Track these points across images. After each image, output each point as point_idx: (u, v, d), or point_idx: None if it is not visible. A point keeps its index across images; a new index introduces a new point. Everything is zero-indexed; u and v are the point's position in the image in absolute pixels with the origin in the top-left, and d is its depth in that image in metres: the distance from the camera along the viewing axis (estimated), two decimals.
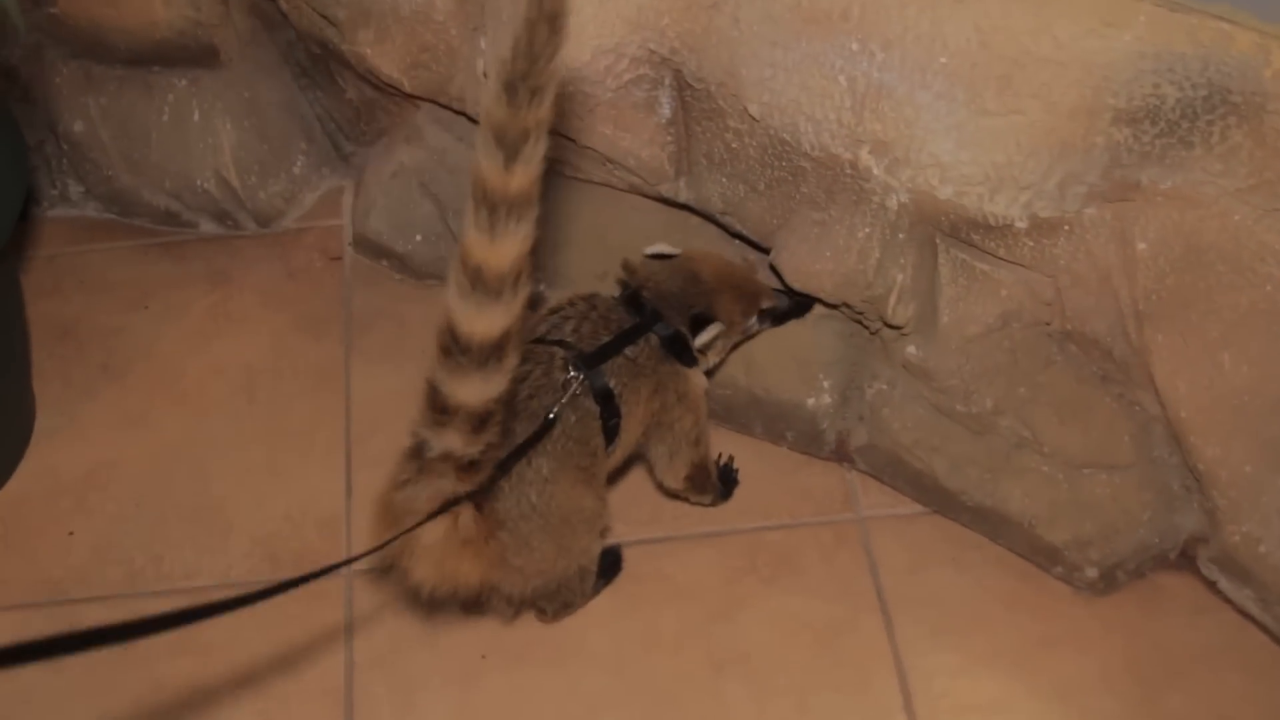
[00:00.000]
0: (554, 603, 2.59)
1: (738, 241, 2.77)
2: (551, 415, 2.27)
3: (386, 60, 2.85)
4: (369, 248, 3.19)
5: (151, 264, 3.32)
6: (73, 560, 2.77)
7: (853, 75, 2.36)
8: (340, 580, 2.70)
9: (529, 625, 2.65)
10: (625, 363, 2.40)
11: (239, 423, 2.98)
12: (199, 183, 3.28)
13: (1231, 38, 2.16)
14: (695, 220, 2.81)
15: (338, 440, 2.90)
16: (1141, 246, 2.34)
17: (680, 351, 2.47)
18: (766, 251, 2.65)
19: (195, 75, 3.22)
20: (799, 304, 2.64)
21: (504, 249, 1.79)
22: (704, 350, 2.50)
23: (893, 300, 2.51)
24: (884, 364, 2.68)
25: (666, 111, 2.61)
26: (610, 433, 2.39)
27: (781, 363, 2.76)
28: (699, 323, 2.45)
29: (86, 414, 3.03)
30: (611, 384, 2.37)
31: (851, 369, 2.74)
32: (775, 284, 2.65)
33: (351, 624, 2.65)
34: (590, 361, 2.34)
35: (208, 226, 3.36)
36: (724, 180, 2.61)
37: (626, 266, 2.51)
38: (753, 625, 2.64)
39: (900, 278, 2.50)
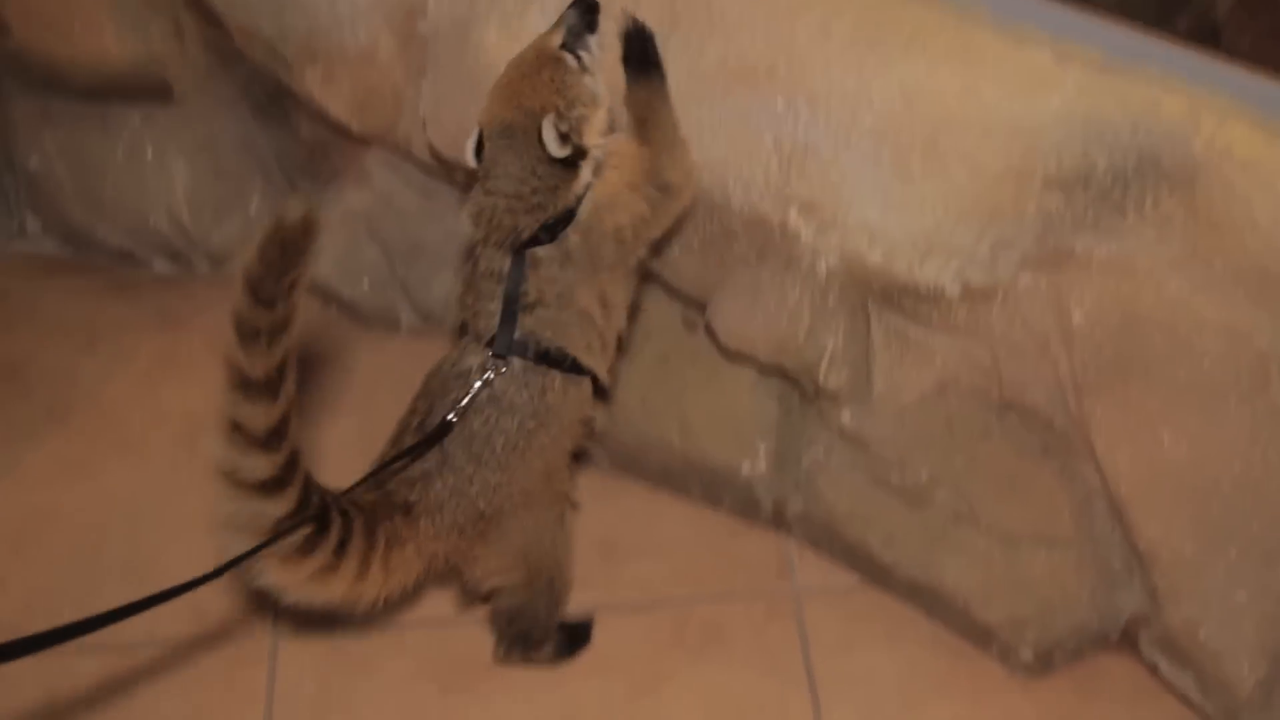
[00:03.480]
0: (514, 628, 2.56)
1: (675, 297, 2.70)
2: (451, 418, 2.22)
3: (334, 100, 2.82)
4: (318, 292, 3.14)
5: (104, 304, 3.29)
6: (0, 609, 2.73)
7: (779, 134, 2.30)
8: (265, 641, 2.67)
9: (449, 697, 2.60)
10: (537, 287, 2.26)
11: (178, 473, 2.93)
12: (152, 221, 3.25)
13: (1160, 104, 2.10)
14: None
15: None
16: (1078, 316, 2.27)
17: (557, 224, 2.25)
18: (704, 309, 2.59)
19: (150, 111, 3.19)
20: (583, 7, 2.28)
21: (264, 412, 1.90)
22: (571, 144, 2.20)
23: (824, 366, 2.46)
24: (820, 430, 2.63)
25: None
26: (575, 367, 2.31)
27: (717, 426, 2.71)
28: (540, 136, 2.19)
29: (28, 459, 2.99)
30: (531, 327, 2.26)
31: (788, 434, 2.68)
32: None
33: (274, 688, 2.60)
34: (499, 342, 2.25)
35: (161, 266, 3.34)
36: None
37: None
38: (676, 701, 2.57)
39: (832, 343, 2.44)
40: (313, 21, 2.71)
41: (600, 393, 2.44)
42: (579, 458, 2.64)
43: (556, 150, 2.16)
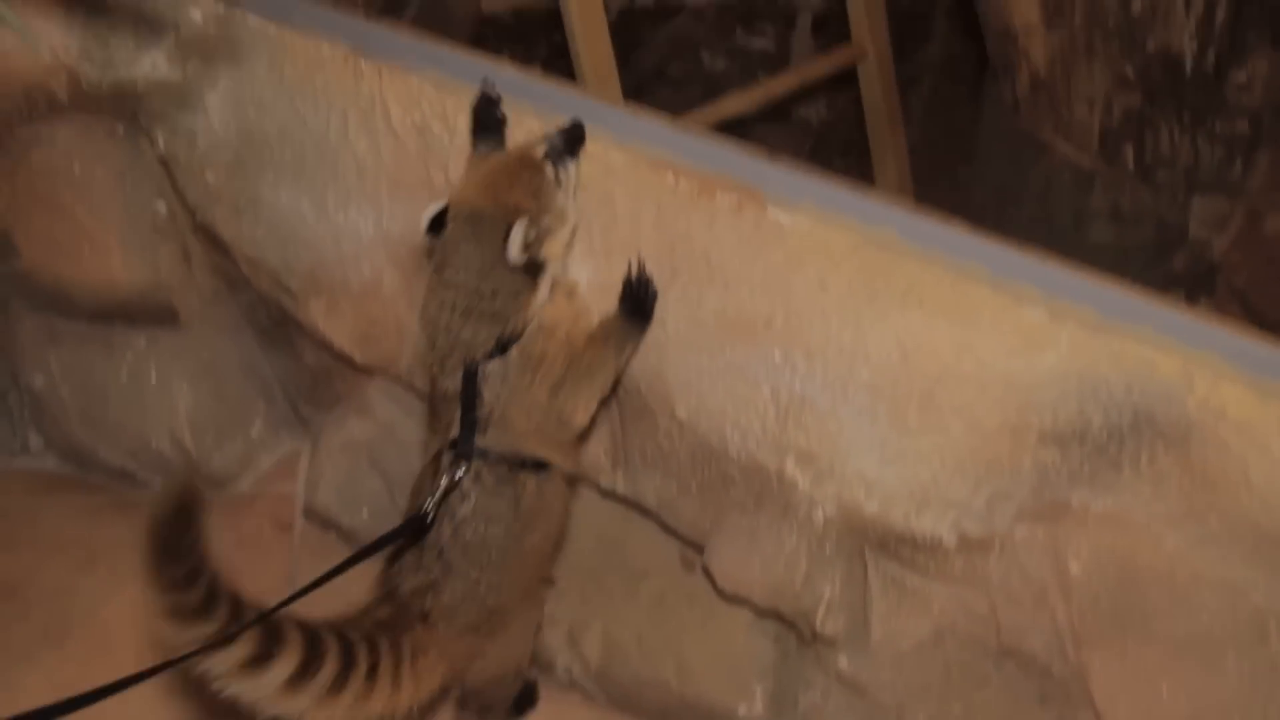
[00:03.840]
0: (479, 700, 2.62)
1: (674, 537, 2.70)
2: (428, 510, 2.24)
3: (337, 331, 2.84)
4: (318, 519, 3.14)
5: (104, 524, 3.27)
6: None
7: (776, 385, 2.32)
8: None
9: None
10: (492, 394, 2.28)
11: (170, 700, 2.89)
12: (154, 443, 3.26)
13: (1154, 364, 2.11)
14: (636, 514, 2.75)
15: None
16: (1075, 567, 2.27)
17: (506, 342, 2.26)
18: (701, 551, 2.59)
19: (155, 335, 3.22)
20: (571, 129, 2.33)
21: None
22: (532, 253, 2.23)
23: (821, 612, 2.45)
24: (818, 673, 2.61)
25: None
26: (536, 464, 2.32)
27: (714, 667, 2.69)
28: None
29: (21, 682, 2.95)
30: (492, 437, 2.28)
31: (785, 677, 2.66)
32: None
33: None
34: (461, 446, 2.27)
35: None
36: (658, 478, 2.57)
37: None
38: None
39: (829, 590, 2.44)
40: (318, 255, 2.75)
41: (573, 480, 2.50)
42: (561, 543, 2.66)
43: (515, 254, 2.18)
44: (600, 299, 2.43)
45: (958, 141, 4.44)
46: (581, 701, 2.86)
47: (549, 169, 2.27)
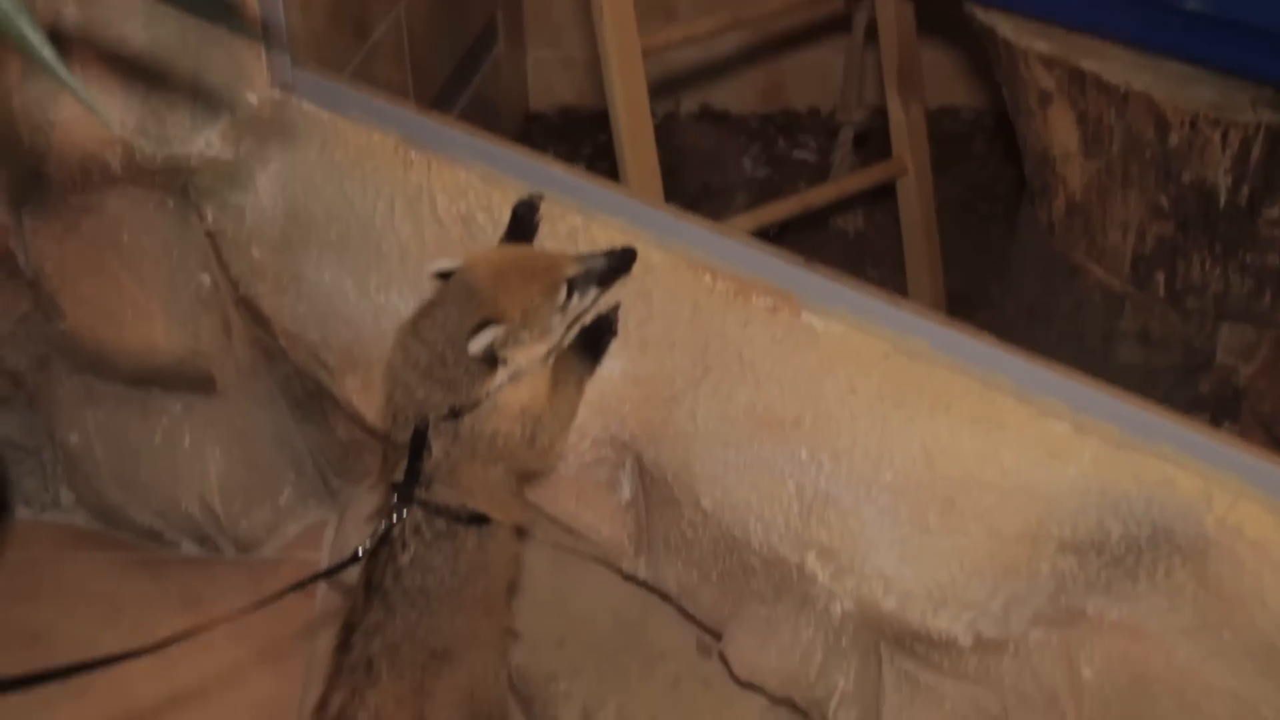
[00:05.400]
0: None
1: (692, 621, 2.74)
2: (360, 550, 2.33)
3: (370, 407, 2.89)
4: (340, 588, 3.18)
5: (130, 580, 3.33)
6: None
7: (801, 482, 2.36)
8: None
9: None
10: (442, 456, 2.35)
11: None
12: (184, 505, 3.31)
13: (1175, 481, 2.16)
14: (655, 597, 2.79)
15: None
16: (1088, 673, 2.31)
17: (459, 411, 2.33)
18: (719, 637, 2.63)
19: (191, 401, 3.28)
20: (620, 257, 2.43)
21: None
22: (496, 351, 2.28)
23: (834, 704, 2.48)
24: None
25: (627, 493, 2.63)
26: (478, 518, 2.39)
27: None
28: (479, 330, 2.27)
29: None
30: (437, 489, 2.36)
31: None
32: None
33: None
34: (403, 490, 2.34)
35: (189, 548, 3.39)
36: (680, 565, 2.61)
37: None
38: None
39: (843, 682, 2.47)
40: (356, 332, 2.81)
41: (521, 531, 2.57)
42: (514, 590, 2.70)
43: (473, 348, 2.25)
44: (632, 389, 2.49)
45: (991, 260, 4.51)
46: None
47: (562, 293, 2.34)
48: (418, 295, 2.67)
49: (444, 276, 2.37)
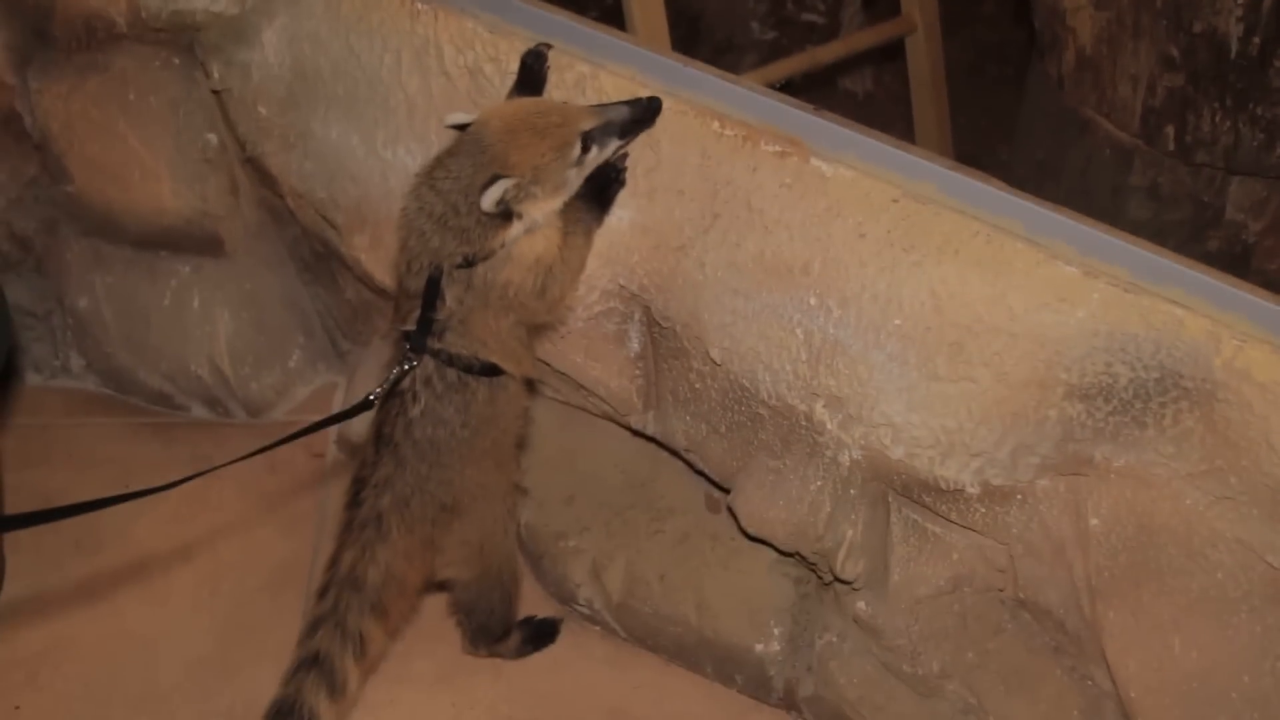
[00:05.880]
0: (473, 620, 2.74)
1: (701, 477, 2.75)
2: (372, 397, 2.37)
3: (379, 266, 2.89)
4: (350, 449, 3.19)
5: (140, 444, 3.35)
6: None
7: (809, 329, 2.36)
8: None
9: None
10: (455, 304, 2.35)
11: (198, 613, 2.98)
12: (193, 368, 3.32)
13: (1183, 323, 2.15)
14: (664, 452, 2.80)
15: (291, 641, 2.86)
16: (1094, 522, 2.31)
17: (473, 260, 2.32)
18: (727, 491, 2.63)
19: (199, 263, 3.28)
20: (644, 107, 2.41)
21: None
22: (509, 206, 2.27)
23: (842, 555, 2.49)
24: (835, 615, 2.65)
25: (636, 345, 2.62)
26: (489, 369, 2.40)
27: (733, 606, 2.74)
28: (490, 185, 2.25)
29: (53, 588, 3.04)
30: (448, 340, 2.37)
31: (803, 617, 2.71)
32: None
33: None
34: (415, 340, 2.36)
35: (199, 411, 3.40)
36: (688, 419, 2.61)
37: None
38: None
39: (851, 533, 2.47)
40: (364, 190, 2.80)
41: (531, 384, 2.61)
42: (523, 445, 2.73)
43: (486, 205, 2.24)
44: (640, 239, 2.48)
45: (999, 122, 4.47)
46: (601, 636, 2.92)
47: (576, 149, 2.31)
48: (425, 151, 2.66)
49: (460, 129, 2.35)
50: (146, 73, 3.03)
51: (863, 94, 4.92)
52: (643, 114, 2.40)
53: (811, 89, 4.32)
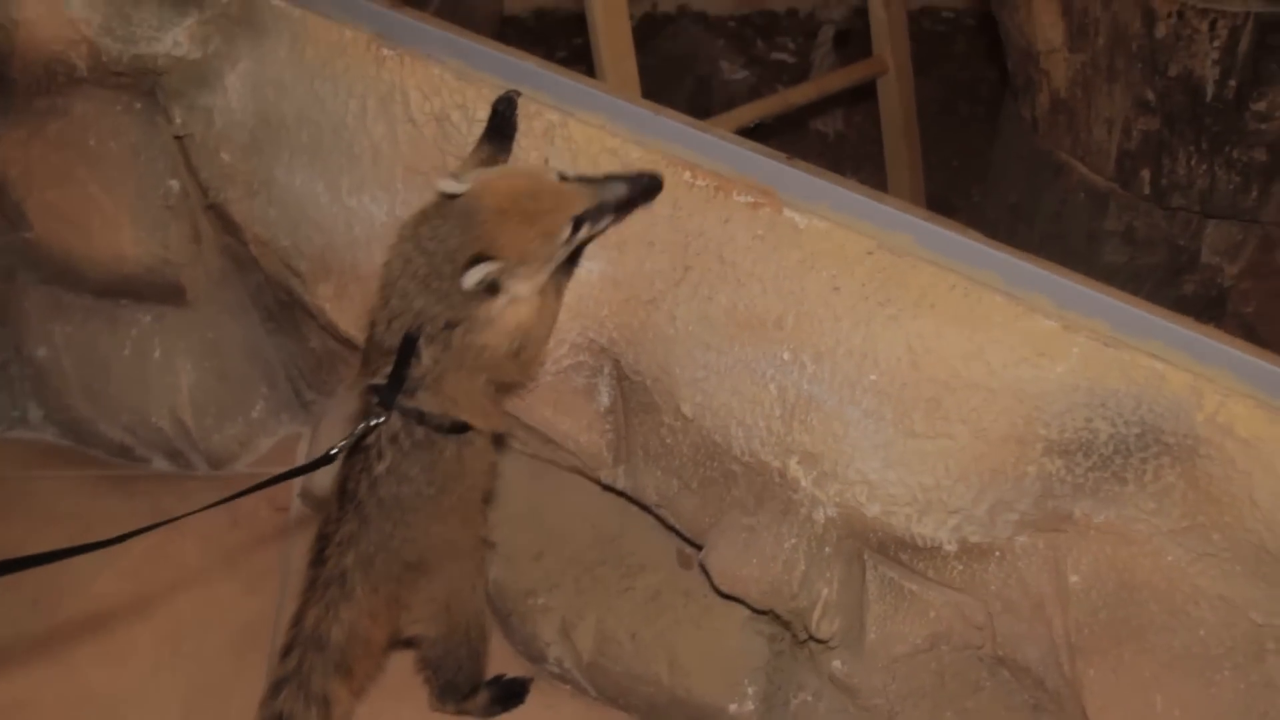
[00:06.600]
0: (440, 677, 2.68)
1: (672, 532, 2.70)
2: (334, 451, 2.30)
3: (344, 316, 2.84)
4: (314, 502, 3.14)
5: (100, 497, 3.29)
6: None
7: (783, 384, 2.32)
8: None
9: None
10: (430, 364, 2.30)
11: (160, 674, 2.92)
12: (154, 419, 3.26)
13: (1165, 378, 2.12)
14: (635, 507, 2.76)
15: (255, 702, 2.81)
16: (1074, 579, 2.28)
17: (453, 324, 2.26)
18: (699, 548, 2.59)
19: (161, 312, 3.22)
20: (644, 186, 2.36)
21: None
22: (491, 282, 2.21)
23: (817, 614, 2.45)
24: (810, 674, 2.61)
25: (605, 400, 2.58)
26: (459, 427, 2.35)
27: (706, 664, 2.69)
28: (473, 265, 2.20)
29: (10, 647, 2.97)
30: (421, 397, 2.31)
31: (778, 676, 2.66)
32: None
33: None
34: (385, 396, 2.29)
35: (160, 464, 3.34)
36: (659, 474, 2.57)
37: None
38: None
39: (826, 591, 2.43)
40: (329, 239, 2.76)
41: (499, 440, 2.55)
42: (490, 500, 2.67)
43: (467, 285, 2.19)
44: (611, 292, 2.44)
45: (972, 162, 4.48)
46: (572, 695, 2.87)
47: (567, 230, 2.27)
48: (391, 199, 2.63)
49: (449, 197, 2.28)
50: (107, 117, 2.98)
51: (834, 134, 4.91)
52: (640, 193, 2.36)
53: (782, 130, 4.32)
